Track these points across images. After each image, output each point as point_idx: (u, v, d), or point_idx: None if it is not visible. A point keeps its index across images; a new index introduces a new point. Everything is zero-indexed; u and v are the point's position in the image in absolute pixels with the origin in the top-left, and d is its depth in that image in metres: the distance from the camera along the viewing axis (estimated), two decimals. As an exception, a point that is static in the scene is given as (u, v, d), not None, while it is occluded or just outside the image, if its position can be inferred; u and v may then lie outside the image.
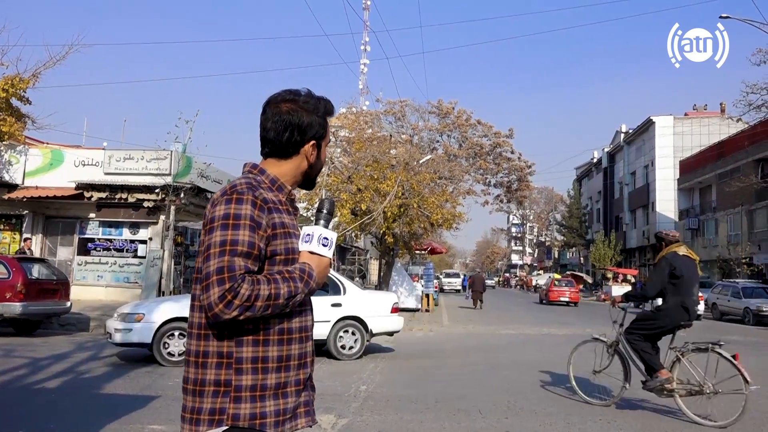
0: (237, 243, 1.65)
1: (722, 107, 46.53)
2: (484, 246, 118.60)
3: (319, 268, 1.80)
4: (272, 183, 1.85)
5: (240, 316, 1.61)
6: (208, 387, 1.70)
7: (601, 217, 62.80)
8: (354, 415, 6.22)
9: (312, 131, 1.88)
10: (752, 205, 33.66)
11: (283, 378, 1.74)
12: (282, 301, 1.67)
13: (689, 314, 6.30)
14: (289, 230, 1.79)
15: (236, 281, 1.60)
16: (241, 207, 1.69)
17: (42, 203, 18.56)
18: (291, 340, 1.77)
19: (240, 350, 1.70)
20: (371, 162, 20.15)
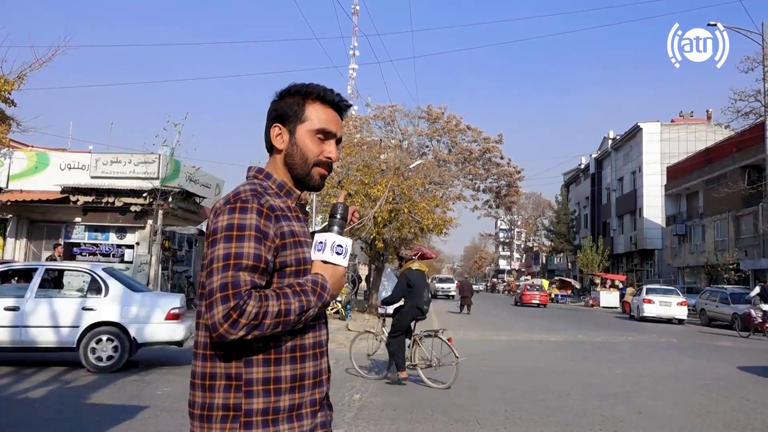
0: (242, 256, 1.52)
1: (708, 114, 46.96)
2: (472, 251, 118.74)
3: (333, 278, 1.65)
4: (280, 188, 1.72)
5: (247, 335, 1.48)
6: (216, 412, 1.55)
7: (588, 223, 63.07)
8: (349, 425, 6.07)
9: (280, 114, 1.74)
10: (739, 211, 33.88)
11: (298, 399, 1.60)
12: (293, 317, 1.53)
13: (422, 311, 8.65)
14: (299, 239, 1.65)
15: (241, 298, 1.47)
16: (246, 216, 1.56)
17: (27, 207, 18.24)
18: (305, 358, 1.63)
19: (250, 371, 1.57)
20: (361, 167, 20.05)
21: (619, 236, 53.75)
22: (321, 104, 1.74)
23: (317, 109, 1.73)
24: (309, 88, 1.74)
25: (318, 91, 1.74)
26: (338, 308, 20.35)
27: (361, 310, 23.10)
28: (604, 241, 51.19)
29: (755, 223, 31.74)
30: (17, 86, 17.73)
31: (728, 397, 8.14)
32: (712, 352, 14.58)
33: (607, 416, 6.76)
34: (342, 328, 16.55)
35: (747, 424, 6.61)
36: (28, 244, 18.82)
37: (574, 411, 7.03)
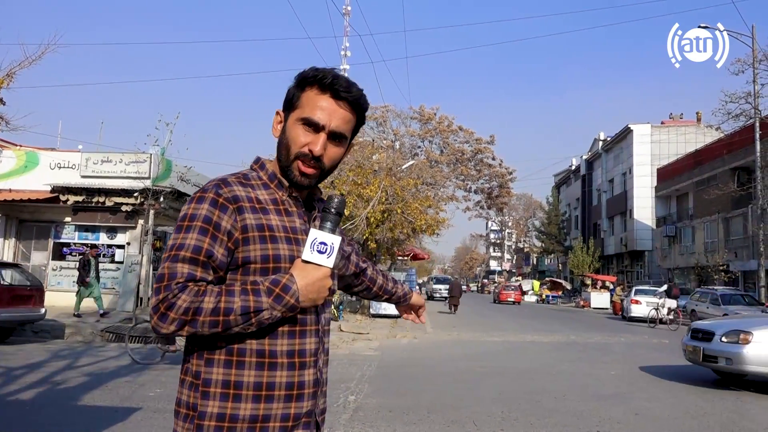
0: (182, 248, 1.42)
1: (698, 116, 47.27)
2: (463, 252, 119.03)
3: (306, 279, 1.46)
4: (271, 179, 1.59)
5: (180, 331, 1.38)
6: (181, 408, 1.49)
7: (579, 224, 63.32)
8: (345, 428, 6.01)
9: (285, 100, 1.62)
10: (729, 213, 34.10)
11: (263, 410, 1.44)
12: (234, 317, 1.38)
13: None
14: (274, 234, 1.50)
15: (171, 291, 1.37)
16: (199, 206, 1.47)
17: (15, 206, 18.04)
18: (275, 365, 1.47)
19: (209, 371, 1.46)
20: (354, 167, 20.00)
21: (609, 237, 53.99)
22: (318, 91, 1.56)
23: (311, 97, 1.56)
24: (310, 71, 1.58)
25: (317, 74, 1.57)
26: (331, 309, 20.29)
27: (353, 311, 23.04)
28: (595, 243, 51.40)
29: (745, 224, 31.95)
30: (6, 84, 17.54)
31: (724, 398, 8.14)
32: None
33: (603, 417, 6.74)
34: (335, 329, 16.49)
35: (743, 426, 6.61)
36: (18, 244, 18.61)
37: (570, 412, 7.00)
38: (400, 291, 2.12)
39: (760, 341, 8.42)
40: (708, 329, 9.29)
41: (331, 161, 1.60)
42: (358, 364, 10.56)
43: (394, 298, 2.13)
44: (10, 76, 17.70)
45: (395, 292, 2.11)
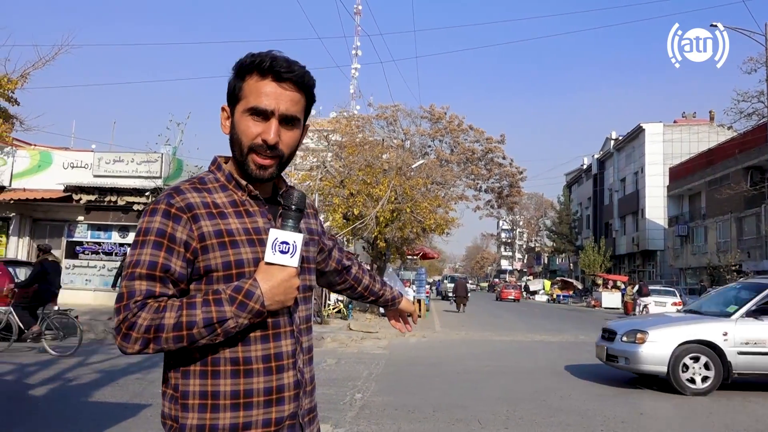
0: (138, 264, 1.39)
1: (711, 115, 46.90)
2: (474, 251, 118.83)
3: (270, 282, 1.41)
4: (228, 179, 1.52)
5: (145, 349, 1.35)
6: (167, 421, 1.48)
7: (590, 224, 63.04)
8: (350, 424, 6.08)
9: (227, 93, 1.53)
10: (741, 213, 33.85)
11: (243, 418, 1.42)
12: (198, 330, 1.35)
13: (52, 295, 10.90)
14: (234, 239, 1.45)
15: (130, 311, 1.35)
16: (152, 219, 1.42)
17: (29, 205, 18.29)
18: (250, 372, 1.44)
19: (186, 383, 1.44)
20: (364, 166, 20.07)
21: (621, 237, 53.71)
22: (259, 77, 1.47)
23: (253, 84, 1.47)
24: (246, 59, 1.49)
25: (254, 60, 1.47)
26: (340, 308, 20.38)
27: (363, 310, 23.11)
28: (606, 242, 51.15)
29: (758, 224, 31.72)
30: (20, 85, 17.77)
31: (730, 399, 8.13)
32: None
33: (608, 417, 6.76)
34: (344, 328, 16.57)
35: (749, 426, 6.61)
36: (31, 243, 18.86)
37: (575, 411, 7.03)
38: (389, 294, 2.06)
39: (655, 340, 8.49)
40: (612, 329, 9.37)
41: (289, 147, 1.52)
42: (366, 362, 10.64)
43: (381, 300, 2.07)
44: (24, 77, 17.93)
45: (382, 295, 2.05)
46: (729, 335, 8.31)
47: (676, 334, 8.50)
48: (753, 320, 8.42)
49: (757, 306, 8.58)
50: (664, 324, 9.02)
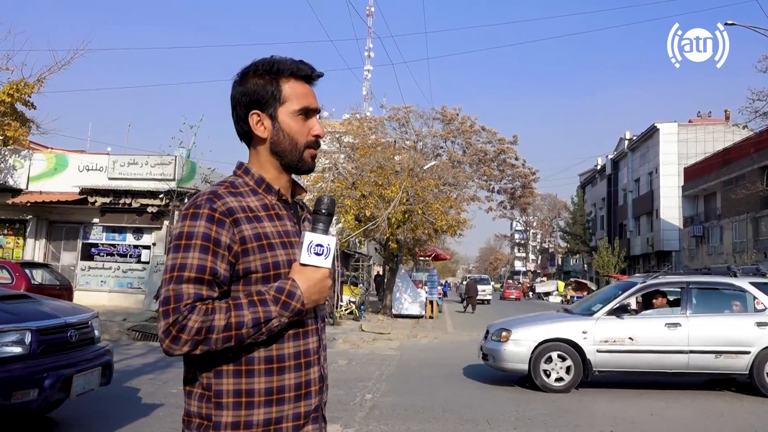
0: (185, 268, 1.43)
1: (727, 114, 46.41)
2: (487, 252, 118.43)
3: (308, 282, 1.50)
4: (258, 184, 1.59)
5: (194, 351, 1.41)
6: (194, 419, 1.52)
7: (604, 224, 62.62)
8: (360, 425, 6.13)
9: (254, 98, 1.57)
10: (758, 213, 33.49)
11: (276, 413, 1.49)
12: (247, 330, 1.42)
13: None
14: (271, 242, 1.52)
15: (181, 313, 1.39)
16: (195, 223, 1.46)
17: (46, 208, 18.54)
18: (283, 369, 1.51)
19: (219, 382, 1.48)
20: (375, 168, 20.10)
21: (635, 238, 53.32)
22: (295, 80, 1.59)
23: (293, 87, 1.59)
24: (279, 65, 1.59)
25: (290, 66, 1.59)
26: (352, 309, 20.44)
27: (375, 311, 23.17)
28: (621, 243, 50.80)
29: (774, 224, 31.37)
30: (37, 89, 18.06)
31: (742, 399, 8.09)
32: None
33: (618, 417, 6.76)
34: (356, 329, 16.64)
35: (760, 427, 6.58)
36: (48, 245, 19.12)
37: (584, 412, 7.04)
38: None
39: (517, 339, 8.56)
40: (488, 328, 9.51)
41: None
42: (377, 363, 10.69)
43: None
44: (41, 81, 18.21)
45: None
46: (589, 333, 8.34)
47: (538, 333, 8.60)
48: (614, 318, 8.43)
49: (619, 304, 8.64)
50: (529, 323, 9.14)
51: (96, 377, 5.38)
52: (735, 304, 8.81)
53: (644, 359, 8.31)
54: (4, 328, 4.70)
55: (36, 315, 5.15)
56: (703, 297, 8.98)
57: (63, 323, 5.23)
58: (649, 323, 8.49)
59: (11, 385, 4.56)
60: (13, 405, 4.61)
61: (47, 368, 4.79)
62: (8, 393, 4.51)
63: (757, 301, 8.52)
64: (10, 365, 4.61)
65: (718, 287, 9.09)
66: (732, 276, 9.28)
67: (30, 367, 4.73)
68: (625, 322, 8.41)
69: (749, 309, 8.56)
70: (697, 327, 8.29)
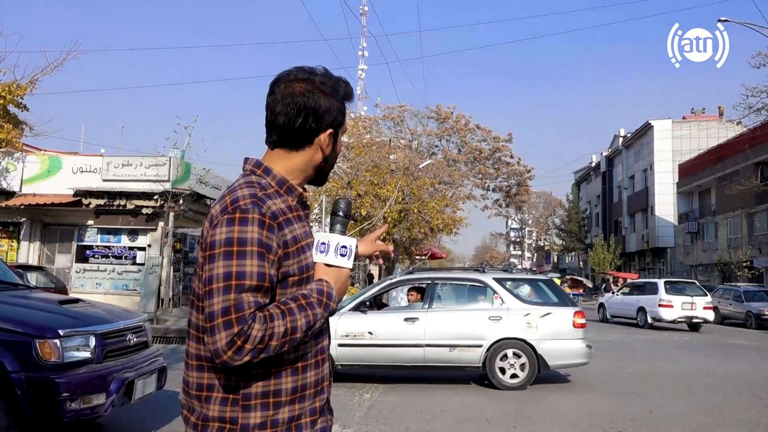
0: (244, 276, 1.40)
1: (720, 111, 46.55)
2: (483, 251, 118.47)
3: (338, 283, 1.55)
4: (280, 185, 1.58)
5: (254, 359, 1.40)
6: (212, 423, 1.49)
7: (600, 222, 62.78)
8: (359, 425, 6.10)
9: (329, 117, 1.60)
10: (752, 209, 33.61)
11: (298, 410, 1.52)
12: (300, 334, 1.44)
13: None
14: (301, 244, 1.53)
15: (245, 323, 1.37)
16: (247, 229, 1.43)
17: (39, 210, 18.43)
18: (306, 368, 1.54)
19: (248, 385, 1.48)
20: (371, 167, 20.10)
21: (630, 234, 53.47)
22: (343, 102, 1.67)
23: (344, 110, 1.68)
24: (343, 90, 1.65)
25: (348, 94, 1.67)
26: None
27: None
28: (616, 240, 50.94)
29: (769, 220, 31.49)
30: (29, 91, 17.96)
31: (740, 396, 8.09)
32: (725, 350, 14.49)
33: (617, 415, 6.75)
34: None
35: (758, 422, 6.57)
36: (42, 247, 19.01)
37: (584, 410, 7.03)
38: None
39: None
40: None
41: None
42: (374, 363, 10.63)
43: None
44: (33, 82, 18.12)
45: None
46: (331, 328, 8.33)
47: None
48: (358, 314, 8.50)
49: (368, 299, 8.77)
50: None
51: (154, 381, 5.35)
52: (480, 299, 8.94)
53: (382, 353, 8.40)
54: (70, 332, 4.65)
55: (96, 319, 5.11)
56: (449, 292, 9.20)
57: (122, 327, 5.17)
58: (389, 318, 8.69)
59: (81, 389, 4.53)
60: (84, 410, 4.58)
61: (112, 372, 4.76)
62: (79, 398, 4.49)
63: (496, 296, 8.65)
64: (78, 369, 4.58)
65: (464, 282, 9.21)
66: (481, 272, 9.40)
67: (96, 371, 4.69)
68: (367, 317, 8.50)
69: (493, 304, 8.68)
70: (434, 321, 8.41)
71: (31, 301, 5.33)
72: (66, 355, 4.51)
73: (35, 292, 6.30)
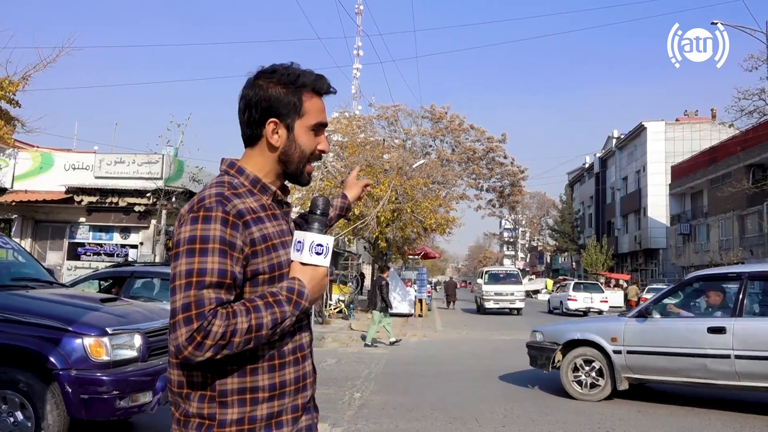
0: (205, 273, 1.41)
1: (713, 113, 46.78)
2: (477, 251, 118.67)
3: (312, 281, 1.54)
4: (253, 184, 1.58)
5: (216, 356, 1.40)
6: (192, 419, 1.51)
7: (593, 222, 62.97)
8: (348, 423, 6.12)
9: (274, 106, 1.56)
10: (744, 211, 33.79)
11: (277, 407, 1.52)
12: (266, 331, 1.44)
13: None
14: (273, 242, 1.53)
15: (205, 319, 1.37)
16: (209, 227, 1.44)
17: (31, 207, 18.34)
18: (284, 365, 1.54)
19: (224, 382, 1.49)
20: (364, 167, 20.09)
21: (623, 236, 53.66)
22: (313, 94, 1.62)
23: (312, 102, 1.61)
24: (304, 78, 1.60)
25: (313, 81, 1.61)
26: (341, 307, 20.40)
27: (365, 310, 23.15)
28: (609, 241, 51.09)
29: (760, 222, 31.64)
30: (22, 87, 17.89)
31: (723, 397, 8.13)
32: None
33: (606, 415, 6.79)
34: (345, 328, 16.62)
35: (745, 423, 6.61)
36: (33, 244, 18.91)
37: (573, 409, 7.05)
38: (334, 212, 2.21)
39: None
40: None
41: None
42: (365, 362, 10.68)
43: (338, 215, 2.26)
44: (26, 79, 18.05)
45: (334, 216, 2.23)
46: None
47: None
48: None
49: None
50: None
51: None
52: None
53: None
54: (118, 331, 4.68)
55: (139, 317, 5.13)
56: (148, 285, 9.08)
57: (164, 325, 5.16)
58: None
59: (130, 387, 4.57)
60: (132, 408, 4.62)
61: (158, 371, 4.79)
62: (127, 396, 4.52)
63: None
64: (125, 368, 4.60)
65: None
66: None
67: (142, 369, 4.73)
68: None
69: None
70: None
71: (75, 299, 5.30)
72: (114, 353, 4.54)
73: (72, 290, 6.30)
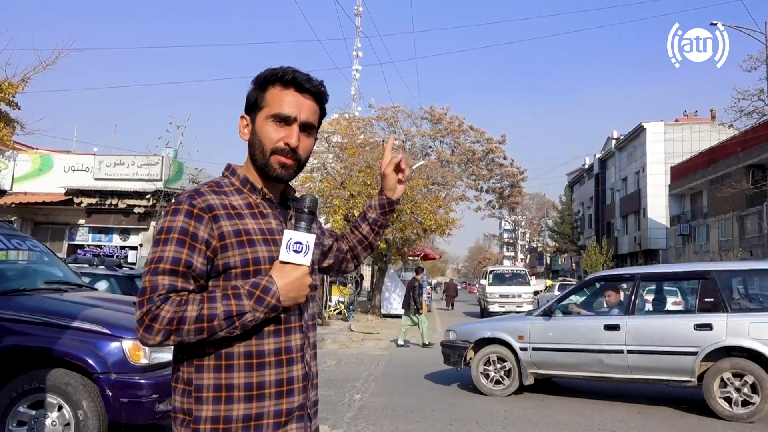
0: (161, 260, 1.47)
1: (713, 113, 46.77)
2: (476, 252, 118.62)
3: (285, 279, 1.51)
4: (243, 183, 1.63)
5: (166, 341, 1.43)
6: (178, 414, 1.55)
7: (592, 223, 62.94)
8: (348, 425, 6.11)
9: (247, 104, 1.65)
10: (743, 211, 33.79)
11: (256, 409, 1.50)
12: (218, 322, 1.43)
13: None
14: (251, 238, 1.54)
15: (154, 303, 1.42)
16: (175, 219, 1.50)
17: (31, 209, 18.35)
18: (263, 365, 1.52)
19: (200, 377, 1.51)
20: (364, 168, 20.08)
21: (623, 236, 53.64)
22: (281, 87, 1.61)
23: (276, 93, 1.61)
24: (269, 72, 1.63)
25: (276, 73, 1.61)
26: (341, 309, 20.39)
27: (365, 311, 23.13)
28: (608, 242, 51.01)
29: (760, 222, 31.63)
30: (21, 89, 17.87)
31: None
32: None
33: (606, 416, 6.78)
34: (345, 329, 16.60)
35: (746, 424, 6.61)
36: (33, 246, 18.91)
37: (572, 411, 7.05)
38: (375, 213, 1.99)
39: None
40: None
41: (306, 152, 1.65)
42: (365, 363, 10.67)
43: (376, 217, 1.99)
44: (25, 81, 18.02)
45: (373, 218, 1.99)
46: None
47: None
48: None
49: None
50: None
51: None
52: None
53: None
54: None
55: None
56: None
57: None
58: None
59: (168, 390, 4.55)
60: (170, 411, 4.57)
61: None
62: (166, 399, 4.49)
63: None
64: (163, 371, 4.57)
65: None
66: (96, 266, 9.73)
67: None
68: None
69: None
70: None
71: (110, 303, 5.26)
72: (153, 357, 4.52)
73: (104, 293, 6.24)
